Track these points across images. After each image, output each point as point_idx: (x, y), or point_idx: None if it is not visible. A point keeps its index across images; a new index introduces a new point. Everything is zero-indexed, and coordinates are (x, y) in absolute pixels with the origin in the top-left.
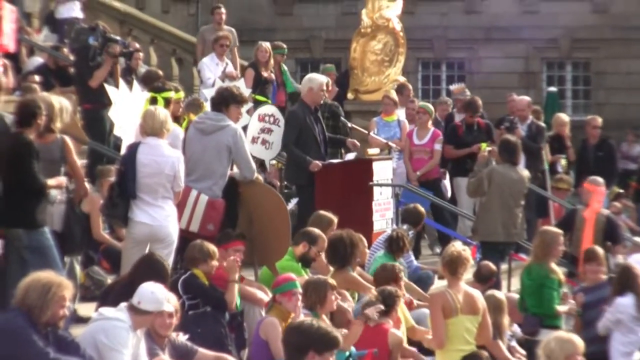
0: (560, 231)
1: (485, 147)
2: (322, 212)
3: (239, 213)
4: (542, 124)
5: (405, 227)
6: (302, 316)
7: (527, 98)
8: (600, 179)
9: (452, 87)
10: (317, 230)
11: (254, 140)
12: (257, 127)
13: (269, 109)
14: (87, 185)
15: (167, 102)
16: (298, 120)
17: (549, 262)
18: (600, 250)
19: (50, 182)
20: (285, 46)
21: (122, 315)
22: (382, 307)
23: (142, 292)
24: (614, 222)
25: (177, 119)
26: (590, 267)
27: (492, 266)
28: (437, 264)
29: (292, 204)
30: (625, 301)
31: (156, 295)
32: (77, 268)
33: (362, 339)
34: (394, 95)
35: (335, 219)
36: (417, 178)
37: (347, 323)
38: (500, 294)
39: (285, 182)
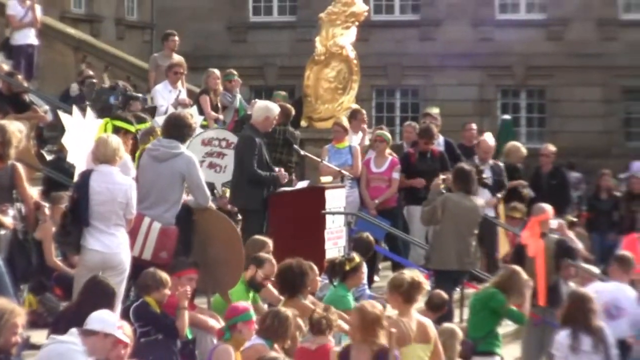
0: (529, 280)
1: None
2: (256, 236)
3: (192, 240)
4: (501, 163)
5: (354, 254)
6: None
7: (492, 142)
8: (543, 206)
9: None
10: (265, 255)
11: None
12: (202, 151)
13: (218, 133)
14: (47, 211)
15: (118, 130)
16: (256, 145)
17: (504, 293)
18: None
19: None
20: (235, 72)
21: (75, 339)
22: None
23: (90, 316)
24: (563, 243)
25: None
26: None
27: (444, 294)
28: None
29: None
30: (562, 335)
31: (102, 316)
32: (24, 294)
33: None
34: (344, 122)
35: (270, 242)
36: (375, 207)
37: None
38: (455, 327)
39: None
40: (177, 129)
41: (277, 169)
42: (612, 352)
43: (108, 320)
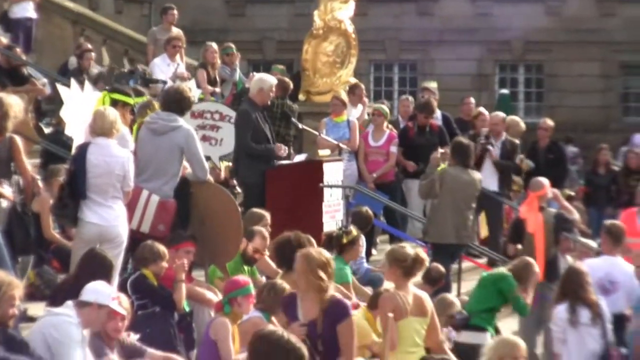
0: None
1: (443, 167)
2: (253, 209)
3: (190, 213)
4: (516, 141)
5: (351, 227)
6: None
7: (501, 114)
8: (542, 181)
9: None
10: (256, 227)
11: None
12: (193, 124)
13: (209, 105)
14: (40, 184)
15: (115, 103)
16: (251, 119)
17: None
18: None
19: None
20: (232, 46)
21: (70, 312)
22: None
23: (85, 288)
24: (561, 216)
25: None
26: None
27: (442, 268)
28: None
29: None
30: (559, 310)
31: (96, 287)
32: (28, 269)
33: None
34: (343, 95)
35: (268, 215)
36: (373, 180)
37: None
38: (451, 296)
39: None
40: (176, 102)
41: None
42: (608, 327)
43: (102, 291)
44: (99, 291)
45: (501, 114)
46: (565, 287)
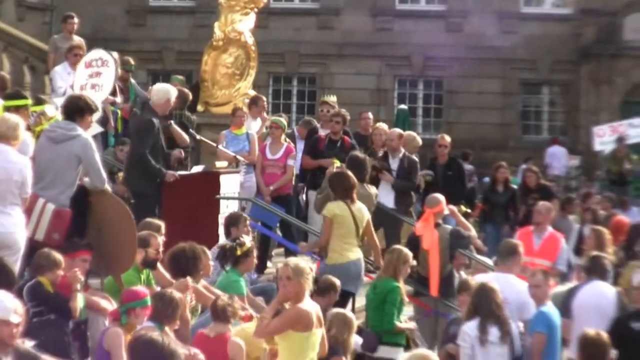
0: (409, 252)
1: (337, 164)
2: (148, 219)
3: (87, 222)
4: (415, 158)
5: (245, 239)
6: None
7: (398, 130)
8: (438, 197)
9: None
10: (144, 232)
11: (82, 88)
12: (85, 74)
13: (96, 53)
14: None
15: (8, 109)
16: (155, 130)
17: (396, 279)
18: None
19: None
20: (133, 62)
21: None
22: None
23: None
24: (457, 233)
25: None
26: (463, 298)
27: (332, 279)
28: None
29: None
30: (469, 326)
31: (3, 304)
32: None
33: (203, 350)
34: (245, 108)
35: (163, 225)
36: (270, 193)
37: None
38: (349, 312)
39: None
40: (78, 110)
41: (170, 172)
42: (517, 344)
43: (6, 308)
44: (5, 308)
45: (398, 130)
46: (477, 304)
